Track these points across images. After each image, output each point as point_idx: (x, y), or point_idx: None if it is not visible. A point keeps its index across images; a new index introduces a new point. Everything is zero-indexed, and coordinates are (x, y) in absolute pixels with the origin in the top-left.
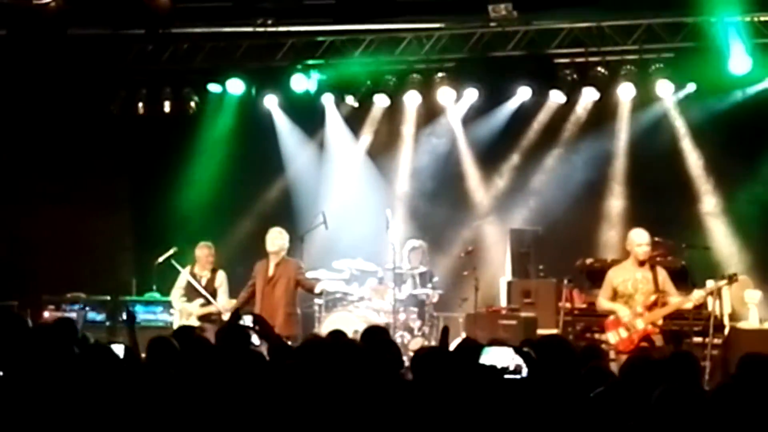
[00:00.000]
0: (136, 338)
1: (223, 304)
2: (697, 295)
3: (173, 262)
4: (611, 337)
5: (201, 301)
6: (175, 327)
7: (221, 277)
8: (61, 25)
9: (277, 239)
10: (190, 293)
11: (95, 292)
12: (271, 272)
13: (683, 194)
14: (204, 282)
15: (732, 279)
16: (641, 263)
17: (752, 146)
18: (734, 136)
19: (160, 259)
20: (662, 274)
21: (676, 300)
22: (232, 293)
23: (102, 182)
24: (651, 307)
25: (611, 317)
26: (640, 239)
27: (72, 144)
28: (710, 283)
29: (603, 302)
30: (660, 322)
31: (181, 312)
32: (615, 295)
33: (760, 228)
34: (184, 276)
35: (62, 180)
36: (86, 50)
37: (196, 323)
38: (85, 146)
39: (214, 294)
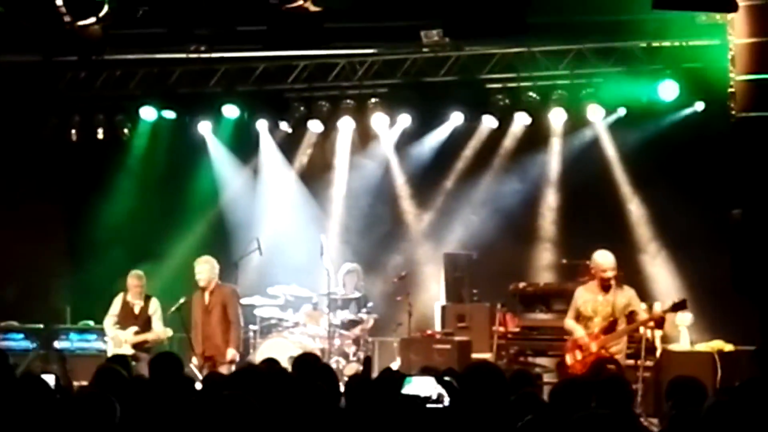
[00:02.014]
0: (66, 369)
1: (158, 332)
2: (643, 318)
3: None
4: (568, 358)
5: (135, 328)
6: (108, 355)
7: (155, 304)
8: None
9: (204, 272)
10: (124, 321)
11: (29, 320)
12: (206, 301)
13: (614, 218)
14: (137, 310)
15: (680, 306)
16: (605, 287)
17: (681, 170)
18: (664, 160)
19: (172, 309)
20: (628, 294)
21: (625, 326)
22: (167, 321)
23: (35, 209)
24: (607, 331)
25: (568, 341)
26: (602, 264)
27: (5, 171)
28: (657, 306)
29: (567, 322)
30: (618, 345)
31: (114, 339)
32: (579, 316)
33: (689, 251)
34: (117, 303)
35: None
36: (18, 77)
37: (129, 351)
38: (19, 173)
39: (148, 322)
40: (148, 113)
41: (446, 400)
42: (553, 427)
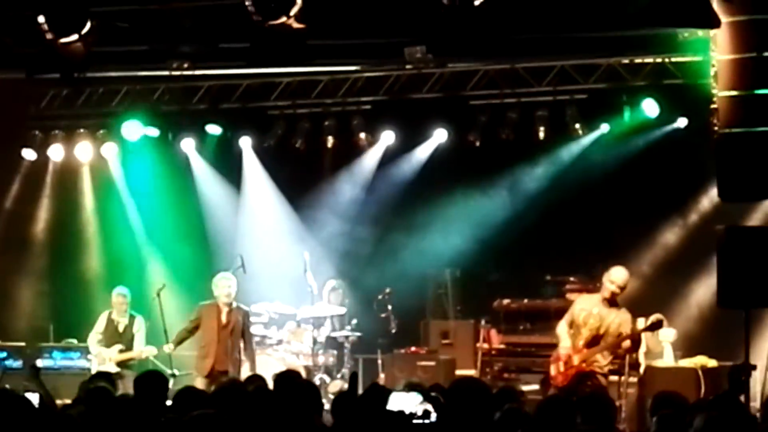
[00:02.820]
0: (45, 387)
1: (142, 350)
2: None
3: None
4: (552, 369)
5: (120, 346)
6: (92, 372)
7: (139, 322)
8: None
9: (232, 287)
10: (108, 338)
11: (11, 338)
12: (224, 319)
13: (599, 234)
14: (122, 328)
15: (655, 326)
16: (606, 300)
17: (665, 186)
18: (647, 176)
19: (154, 294)
20: (623, 316)
21: (607, 341)
22: (149, 338)
23: (18, 227)
24: (590, 345)
25: (554, 352)
26: (613, 277)
27: None
28: (640, 323)
29: (559, 326)
30: (602, 360)
31: (98, 357)
32: (572, 323)
33: (673, 267)
34: (102, 321)
35: None
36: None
37: (114, 369)
38: (0, 192)
39: (131, 340)
40: (130, 131)
41: (433, 416)
42: None
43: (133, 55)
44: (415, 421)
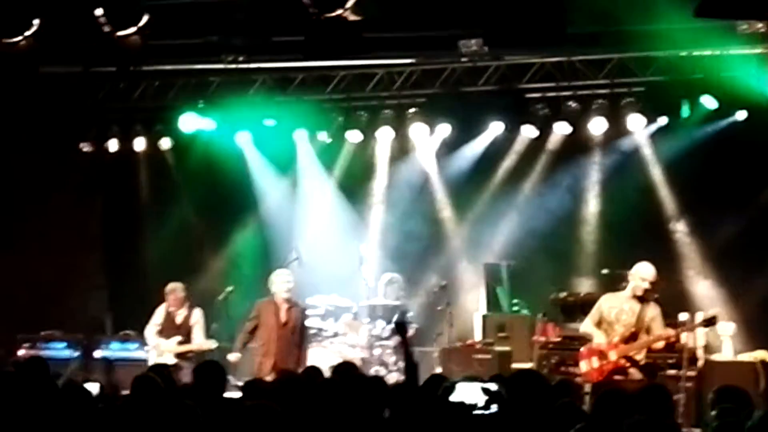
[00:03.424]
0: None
1: (200, 343)
2: (670, 333)
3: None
4: (583, 365)
5: (178, 338)
6: (150, 364)
7: (197, 314)
8: (33, 63)
9: (289, 283)
10: (166, 330)
11: (70, 330)
12: (283, 317)
13: (655, 227)
14: (180, 320)
15: (711, 322)
16: (636, 297)
17: (723, 180)
18: (705, 169)
19: (220, 297)
20: (654, 311)
21: (646, 337)
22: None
23: (74, 221)
24: (628, 341)
25: (584, 348)
26: (644, 273)
27: (44, 182)
28: (684, 316)
29: (586, 325)
30: (637, 356)
31: (156, 349)
32: (601, 321)
33: (732, 260)
34: (159, 313)
35: (36, 218)
36: (58, 88)
37: (172, 360)
38: (57, 185)
39: (189, 332)
40: (186, 124)
41: (493, 407)
42: None
43: (188, 48)
44: (475, 412)
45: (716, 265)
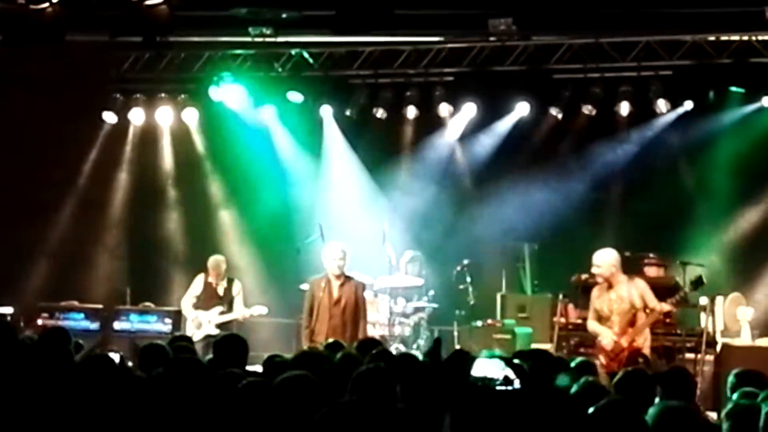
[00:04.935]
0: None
1: (242, 312)
2: (665, 307)
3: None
4: (602, 358)
5: (220, 308)
6: (187, 334)
7: (238, 286)
8: (59, 31)
9: (344, 258)
10: (207, 301)
11: (89, 300)
12: (336, 294)
13: (679, 211)
14: (221, 291)
15: (696, 284)
16: (608, 284)
17: (749, 165)
18: (731, 154)
19: (307, 240)
20: (639, 286)
21: (645, 319)
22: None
23: (98, 190)
24: (632, 324)
25: (597, 343)
26: (594, 259)
27: (67, 153)
28: (704, 300)
29: (590, 324)
30: (645, 342)
31: (194, 321)
32: (600, 318)
33: (750, 246)
34: (198, 284)
35: (58, 189)
36: (83, 56)
37: (214, 331)
38: (81, 155)
39: (231, 303)
40: (211, 96)
41: (516, 383)
42: (623, 415)
43: (216, 20)
44: (498, 387)
45: (736, 250)
